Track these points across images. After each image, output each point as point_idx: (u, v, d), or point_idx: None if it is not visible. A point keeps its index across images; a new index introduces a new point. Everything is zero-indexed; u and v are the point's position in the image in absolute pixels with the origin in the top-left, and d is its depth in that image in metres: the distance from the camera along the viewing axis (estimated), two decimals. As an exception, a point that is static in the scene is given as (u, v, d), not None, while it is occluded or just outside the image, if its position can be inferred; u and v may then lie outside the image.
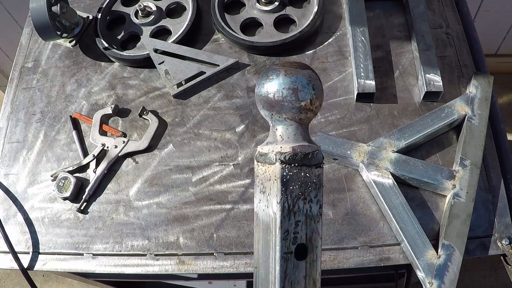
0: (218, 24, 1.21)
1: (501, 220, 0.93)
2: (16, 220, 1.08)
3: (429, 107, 1.06)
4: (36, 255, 1.03)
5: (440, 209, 0.95)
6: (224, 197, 1.03)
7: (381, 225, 0.95)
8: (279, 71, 0.46)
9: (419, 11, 1.14)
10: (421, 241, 0.89)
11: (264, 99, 0.48)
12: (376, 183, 0.95)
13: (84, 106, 1.20)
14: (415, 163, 0.96)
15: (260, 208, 0.47)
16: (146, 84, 1.20)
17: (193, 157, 1.08)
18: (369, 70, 1.07)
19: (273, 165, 0.44)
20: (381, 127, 1.05)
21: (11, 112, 1.23)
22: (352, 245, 0.94)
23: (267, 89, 0.47)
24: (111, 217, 1.05)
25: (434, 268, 0.86)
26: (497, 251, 0.91)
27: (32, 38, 1.34)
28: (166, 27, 1.26)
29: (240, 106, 1.13)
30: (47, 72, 1.27)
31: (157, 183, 1.07)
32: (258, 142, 1.07)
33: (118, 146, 1.10)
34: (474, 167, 0.95)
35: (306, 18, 1.20)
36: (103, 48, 1.22)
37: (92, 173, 1.08)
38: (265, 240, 0.45)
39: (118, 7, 1.31)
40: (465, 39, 1.14)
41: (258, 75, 1.16)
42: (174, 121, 1.13)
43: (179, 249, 0.99)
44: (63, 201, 1.08)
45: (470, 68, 1.10)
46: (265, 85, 0.48)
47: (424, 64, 1.06)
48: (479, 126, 0.99)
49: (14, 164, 1.15)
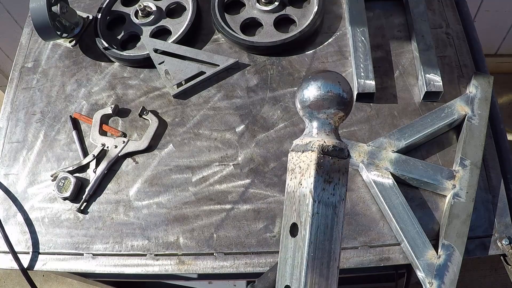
0: (218, 24, 1.21)
1: (501, 220, 0.93)
2: (16, 220, 1.08)
3: (429, 107, 1.06)
4: (36, 255, 1.03)
5: (440, 209, 0.95)
6: (224, 197, 1.03)
7: (381, 225, 0.95)
8: (320, 78, 0.57)
9: (419, 11, 1.14)
10: (421, 241, 0.89)
11: (306, 100, 0.57)
12: (376, 183, 0.95)
13: (84, 106, 1.20)
14: (415, 163, 0.96)
15: (292, 186, 0.56)
16: (146, 84, 1.20)
17: (193, 157, 1.08)
18: (369, 70, 1.07)
19: (314, 152, 0.54)
20: (381, 127, 1.05)
21: (11, 112, 1.23)
22: (352, 245, 0.94)
23: (310, 91, 0.57)
24: (111, 217, 1.05)
25: (434, 268, 0.86)
26: (497, 251, 0.91)
27: (32, 38, 1.34)
28: (166, 27, 1.26)
29: (240, 106, 1.13)
30: (47, 72, 1.27)
31: (157, 183, 1.07)
32: (258, 142, 1.08)
33: (118, 146, 1.10)
34: (474, 167, 0.95)
35: (306, 18, 1.20)
36: (103, 48, 1.23)
37: (92, 173, 1.08)
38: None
39: (118, 7, 1.32)
40: (465, 39, 1.14)
41: (258, 75, 1.16)
42: (174, 121, 1.13)
43: (179, 249, 0.99)
44: (63, 201, 1.08)
45: (470, 68, 1.10)
46: (309, 87, 0.57)
47: (424, 64, 1.06)
48: (479, 126, 0.99)
49: (14, 164, 1.15)
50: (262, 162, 1.05)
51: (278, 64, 1.17)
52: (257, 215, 1.00)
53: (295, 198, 0.55)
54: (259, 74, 1.17)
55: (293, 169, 0.56)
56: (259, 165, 1.05)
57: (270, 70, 1.17)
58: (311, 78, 0.58)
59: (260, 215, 1.00)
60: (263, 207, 1.00)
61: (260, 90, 1.14)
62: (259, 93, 1.14)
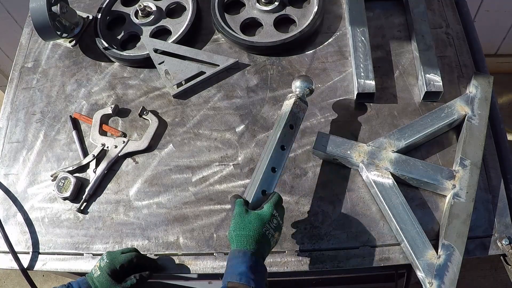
0: (218, 24, 1.21)
1: (501, 220, 0.93)
2: (16, 220, 1.08)
3: (429, 107, 1.06)
4: (36, 255, 1.03)
5: (440, 209, 0.95)
6: (224, 197, 1.03)
7: (381, 225, 0.95)
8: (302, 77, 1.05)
9: (419, 11, 1.14)
10: (421, 241, 0.89)
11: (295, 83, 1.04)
12: (376, 183, 0.95)
13: (84, 106, 1.20)
14: (415, 163, 0.96)
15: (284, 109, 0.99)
16: (146, 84, 1.20)
17: (193, 157, 1.08)
18: (369, 70, 1.07)
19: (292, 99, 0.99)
20: (381, 127, 1.05)
21: (11, 112, 1.23)
22: (352, 245, 0.94)
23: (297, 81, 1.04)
24: (111, 217, 1.05)
25: (434, 268, 0.86)
26: (497, 251, 0.91)
27: (32, 38, 1.34)
28: (166, 27, 1.26)
29: (240, 106, 1.13)
30: (47, 72, 1.27)
31: (157, 183, 1.07)
32: (258, 142, 1.08)
33: (118, 146, 1.10)
34: (474, 167, 0.95)
35: (306, 18, 1.20)
36: (103, 48, 1.23)
37: (92, 173, 1.08)
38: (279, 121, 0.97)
39: (118, 7, 1.32)
40: (465, 39, 1.14)
41: (258, 75, 1.16)
42: (174, 121, 1.13)
43: (179, 249, 0.99)
44: (63, 201, 1.08)
45: (470, 68, 1.10)
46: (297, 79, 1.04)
47: (424, 64, 1.06)
48: (479, 126, 0.99)
49: (14, 164, 1.15)
50: (262, 162, 1.05)
51: (278, 64, 1.17)
52: (257, 215, 1.00)
53: (281, 115, 0.98)
54: (259, 74, 1.17)
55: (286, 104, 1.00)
56: (259, 165, 1.05)
57: (270, 70, 1.17)
58: (297, 77, 1.05)
59: (260, 215, 1.00)
60: (263, 207, 1.00)
61: (260, 90, 1.14)
62: (259, 93, 1.14)
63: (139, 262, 0.91)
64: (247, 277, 0.74)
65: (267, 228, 0.80)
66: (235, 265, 0.76)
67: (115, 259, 0.89)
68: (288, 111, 0.96)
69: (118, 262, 0.88)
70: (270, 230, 0.81)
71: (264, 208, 0.83)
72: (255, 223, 0.80)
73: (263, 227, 0.80)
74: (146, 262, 0.94)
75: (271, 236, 0.81)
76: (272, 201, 0.84)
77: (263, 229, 0.80)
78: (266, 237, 0.80)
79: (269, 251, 0.82)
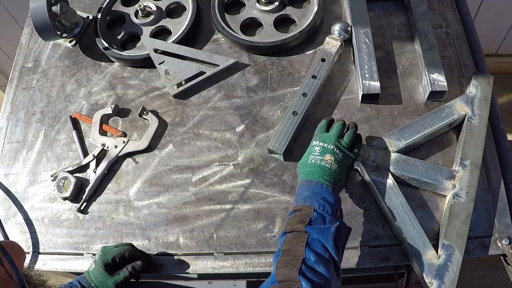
0: (218, 24, 1.21)
1: (501, 220, 0.93)
2: (16, 220, 1.08)
3: (429, 107, 1.06)
4: (36, 255, 1.03)
5: (440, 209, 0.95)
6: (224, 197, 1.03)
7: (381, 225, 0.95)
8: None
9: (421, 11, 1.14)
10: (421, 241, 0.89)
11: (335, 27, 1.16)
12: (376, 183, 0.95)
13: (84, 106, 1.20)
14: (415, 163, 0.96)
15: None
16: (146, 84, 1.20)
17: (193, 157, 1.08)
18: (374, 71, 1.07)
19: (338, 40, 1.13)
20: (381, 127, 1.05)
21: (11, 112, 1.23)
22: (352, 245, 0.94)
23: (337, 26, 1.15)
24: (111, 217, 1.05)
25: (434, 268, 0.86)
26: (497, 251, 0.91)
27: (32, 38, 1.34)
28: (166, 27, 1.26)
29: (240, 106, 1.13)
30: (47, 72, 1.27)
31: (157, 183, 1.07)
32: (258, 142, 1.08)
33: (118, 146, 1.10)
34: (474, 167, 0.95)
35: (306, 18, 1.20)
36: (103, 48, 1.23)
37: (92, 173, 1.08)
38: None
39: (118, 7, 1.32)
40: (465, 39, 1.14)
41: (258, 75, 1.16)
42: (174, 121, 1.13)
43: (179, 249, 0.99)
44: (63, 201, 1.08)
45: (470, 68, 1.10)
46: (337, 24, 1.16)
47: (428, 64, 1.06)
48: (479, 126, 0.99)
49: (14, 164, 1.15)
50: (262, 162, 1.05)
51: (278, 64, 1.17)
52: (257, 215, 1.00)
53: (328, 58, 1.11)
54: (259, 74, 1.17)
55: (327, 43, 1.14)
56: (259, 165, 1.05)
57: (270, 70, 1.17)
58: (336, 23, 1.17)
59: (260, 215, 1.00)
60: (263, 207, 1.00)
61: (260, 90, 1.14)
62: (259, 93, 1.14)
63: (132, 256, 0.92)
64: (311, 199, 0.81)
65: (313, 157, 0.89)
66: (301, 192, 0.85)
67: (108, 252, 0.91)
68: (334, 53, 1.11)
69: (110, 255, 0.90)
70: (316, 157, 0.88)
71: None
72: (304, 157, 0.91)
73: (308, 159, 0.89)
74: (141, 257, 0.94)
75: (320, 161, 0.87)
76: (316, 133, 0.95)
77: (309, 160, 0.89)
78: (315, 165, 0.87)
79: (336, 176, 0.86)
